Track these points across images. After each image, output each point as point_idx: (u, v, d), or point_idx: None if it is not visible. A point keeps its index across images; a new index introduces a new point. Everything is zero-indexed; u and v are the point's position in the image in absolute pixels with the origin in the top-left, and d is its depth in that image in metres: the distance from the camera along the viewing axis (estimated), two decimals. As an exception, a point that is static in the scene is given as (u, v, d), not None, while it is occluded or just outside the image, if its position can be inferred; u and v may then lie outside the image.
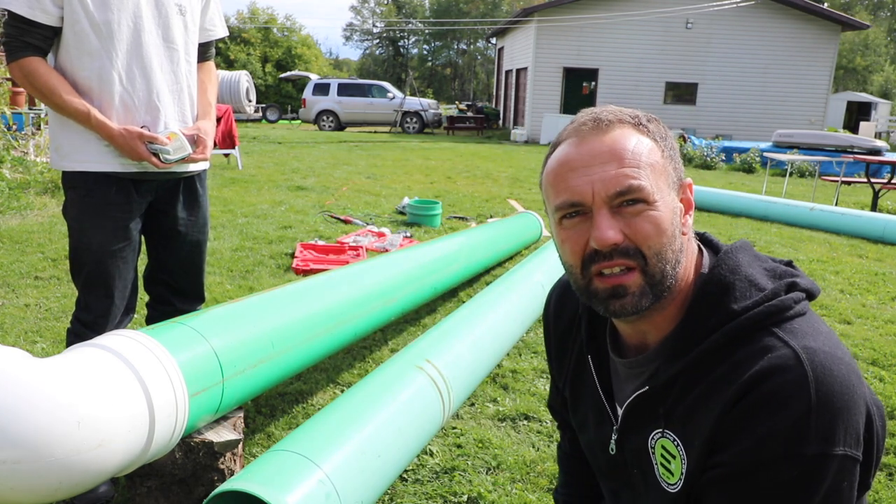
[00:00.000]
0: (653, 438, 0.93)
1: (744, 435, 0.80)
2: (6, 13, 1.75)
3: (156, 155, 1.86)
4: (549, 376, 2.15)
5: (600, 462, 1.07)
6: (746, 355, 0.82)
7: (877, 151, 12.57)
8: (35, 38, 1.77)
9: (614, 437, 1.00)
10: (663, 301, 0.89)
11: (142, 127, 1.87)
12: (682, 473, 0.89)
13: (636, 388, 0.95)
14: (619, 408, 1.00)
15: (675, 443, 0.89)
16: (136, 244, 2.00)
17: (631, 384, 0.97)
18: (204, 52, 2.11)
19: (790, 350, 0.80)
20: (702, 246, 0.97)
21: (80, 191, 1.88)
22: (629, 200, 0.84)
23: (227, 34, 2.22)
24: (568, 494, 1.31)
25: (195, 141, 1.97)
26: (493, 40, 29.87)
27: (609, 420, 1.01)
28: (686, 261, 0.91)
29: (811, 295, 0.89)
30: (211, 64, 2.17)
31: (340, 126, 20.57)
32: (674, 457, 0.90)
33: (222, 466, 1.72)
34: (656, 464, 0.94)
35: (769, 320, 0.84)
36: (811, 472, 0.77)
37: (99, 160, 1.86)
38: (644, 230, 0.84)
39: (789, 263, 0.95)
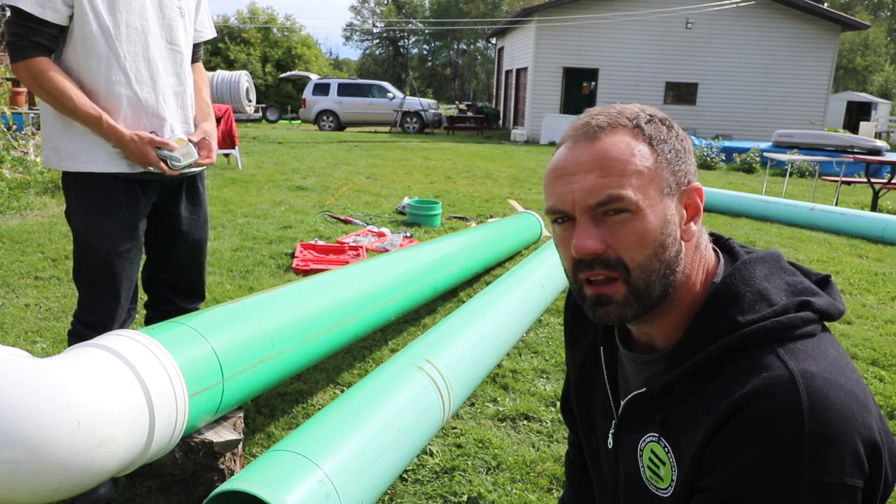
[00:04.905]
0: (644, 441, 0.93)
1: (734, 460, 0.78)
2: (9, 12, 1.72)
3: (164, 161, 1.87)
4: (564, 370, 2.12)
5: (595, 452, 1.09)
6: (742, 371, 0.80)
7: (877, 151, 12.57)
8: (44, 38, 1.73)
9: (612, 430, 1.01)
10: (661, 308, 0.88)
11: (151, 132, 1.87)
12: (672, 480, 0.88)
13: (638, 386, 0.95)
14: (621, 401, 1.00)
15: (667, 450, 0.89)
16: (141, 245, 2.00)
17: (634, 380, 0.98)
18: (194, 53, 2.11)
19: (787, 372, 0.77)
20: (720, 253, 0.94)
21: (87, 192, 1.86)
22: (612, 210, 0.84)
23: (216, 35, 2.22)
24: None
25: (202, 146, 1.98)
26: (493, 40, 29.87)
27: (611, 413, 1.02)
28: (691, 267, 0.89)
29: (828, 316, 0.86)
30: (200, 65, 2.17)
31: (340, 126, 20.55)
32: (663, 463, 0.90)
33: (222, 466, 1.72)
34: (643, 467, 0.94)
35: (773, 336, 0.81)
36: (807, 502, 0.75)
37: (107, 161, 1.84)
38: (627, 241, 0.84)
39: (825, 279, 0.91)
